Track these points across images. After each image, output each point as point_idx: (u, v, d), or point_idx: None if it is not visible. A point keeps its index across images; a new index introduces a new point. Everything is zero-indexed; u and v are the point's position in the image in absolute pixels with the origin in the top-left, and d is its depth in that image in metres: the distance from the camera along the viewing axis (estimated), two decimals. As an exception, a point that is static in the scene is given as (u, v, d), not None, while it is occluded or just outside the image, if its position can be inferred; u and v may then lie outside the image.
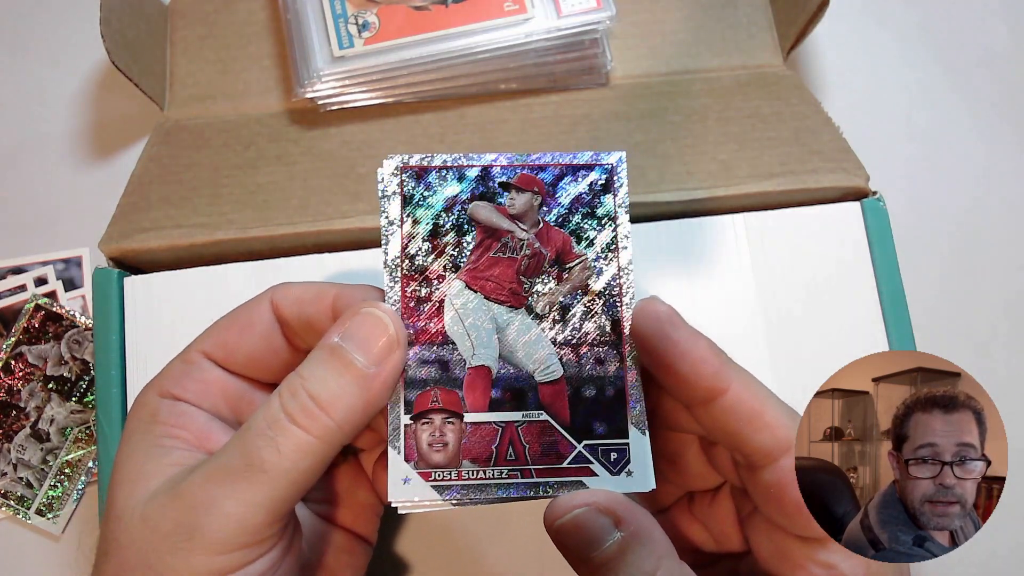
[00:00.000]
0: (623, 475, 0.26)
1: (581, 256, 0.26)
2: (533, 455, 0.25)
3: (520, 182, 0.26)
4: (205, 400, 0.28)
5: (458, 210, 0.26)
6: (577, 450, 0.26)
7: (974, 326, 0.47)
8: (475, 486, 0.25)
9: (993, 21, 0.54)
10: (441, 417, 0.26)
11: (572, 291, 0.26)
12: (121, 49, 0.44)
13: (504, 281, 0.26)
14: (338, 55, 0.44)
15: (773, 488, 0.25)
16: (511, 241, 0.26)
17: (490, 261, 0.26)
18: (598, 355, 0.26)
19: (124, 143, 0.52)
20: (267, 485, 0.23)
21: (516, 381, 0.26)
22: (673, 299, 0.39)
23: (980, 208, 0.50)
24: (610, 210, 0.26)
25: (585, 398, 0.26)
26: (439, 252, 0.26)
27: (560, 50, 0.45)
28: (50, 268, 0.49)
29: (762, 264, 0.39)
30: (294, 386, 0.24)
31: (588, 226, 0.26)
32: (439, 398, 0.26)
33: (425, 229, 0.26)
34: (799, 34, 0.46)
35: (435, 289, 0.26)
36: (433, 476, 0.25)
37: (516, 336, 0.26)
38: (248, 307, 0.28)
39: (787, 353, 0.38)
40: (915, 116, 0.52)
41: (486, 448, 0.25)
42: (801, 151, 0.41)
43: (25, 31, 0.55)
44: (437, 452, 0.25)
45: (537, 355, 0.26)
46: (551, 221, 0.26)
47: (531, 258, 0.26)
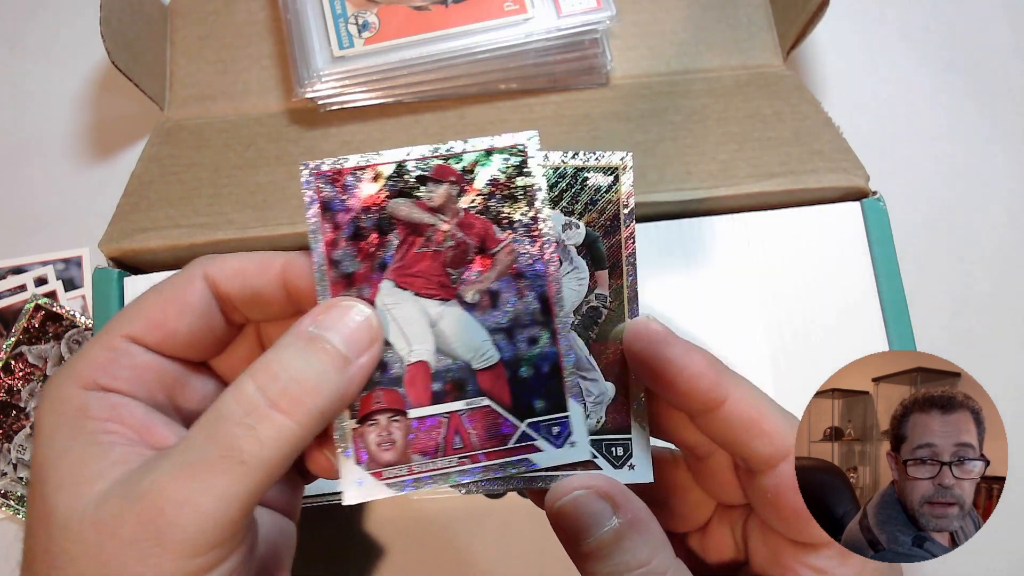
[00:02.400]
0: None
1: (504, 240, 0.26)
2: (479, 440, 0.26)
3: (436, 174, 0.26)
4: (140, 389, 0.26)
5: (377, 210, 0.26)
6: (521, 429, 0.26)
7: (974, 326, 0.47)
8: (428, 477, 0.26)
9: (994, 21, 0.54)
10: (386, 417, 0.26)
11: (500, 276, 0.26)
12: (121, 49, 0.44)
13: (432, 275, 0.26)
14: (338, 55, 0.44)
15: (770, 493, 0.25)
16: (434, 234, 0.26)
17: (416, 257, 0.26)
18: (531, 335, 0.26)
19: (124, 143, 0.52)
20: (246, 477, 0.22)
21: (455, 371, 0.26)
22: (673, 299, 0.39)
23: (980, 208, 0.50)
24: (527, 190, 0.26)
25: (523, 378, 0.26)
26: (364, 255, 0.26)
27: (560, 50, 0.45)
28: (50, 268, 0.49)
29: (762, 264, 0.39)
30: (272, 370, 0.23)
31: (508, 209, 0.26)
32: (382, 398, 0.26)
33: (347, 233, 0.26)
34: (799, 34, 0.46)
35: (364, 292, 0.26)
36: (385, 474, 0.26)
37: (450, 327, 0.26)
38: (176, 285, 0.26)
39: (787, 353, 0.38)
40: (915, 116, 0.52)
41: (433, 440, 0.26)
42: (801, 151, 0.41)
43: (25, 31, 0.55)
44: (386, 451, 0.26)
45: (472, 343, 0.26)
46: (471, 208, 0.26)
47: (456, 249, 0.26)
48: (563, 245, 0.28)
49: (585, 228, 0.28)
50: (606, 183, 0.28)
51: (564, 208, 0.27)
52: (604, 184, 0.28)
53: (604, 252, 0.28)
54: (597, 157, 0.28)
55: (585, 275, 0.28)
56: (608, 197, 0.27)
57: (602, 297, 0.28)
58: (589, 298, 0.27)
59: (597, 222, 0.27)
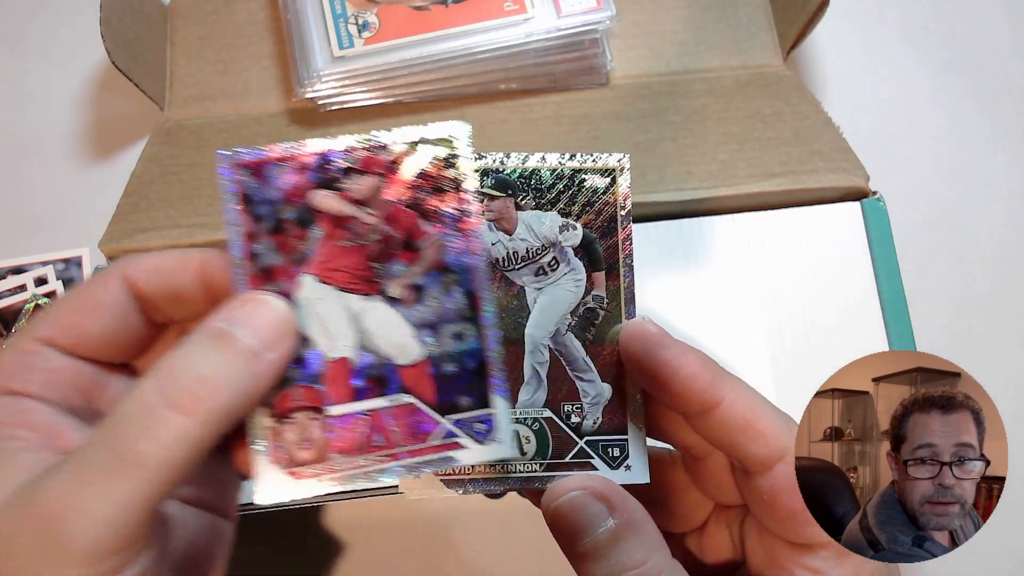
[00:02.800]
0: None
1: (431, 234, 0.26)
2: (401, 438, 0.25)
3: (362, 165, 0.26)
4: (52, 392, 0.25)
5: (300, 202, 0.25)
6: (444, 427, 0.25)
7: (974, 326, 0.47)
8: (348, 476, 0.25)
9: (994, 21, 0.54)
10: (305, 415, 0.25)
11: (426, 270, 0.26)
12: (121, 49, 0.44)
13: (355, 269, 0.26)
14: (338, 55, 0.44)
15: (766, 494, 0.25)
16: (358, 227, 0.26)
17: (339, 251, 0.26)
18: (458, 331, 0.26)
19: (124, 143, 0.52)
20: (143, 480, 0.21)
21: (378, 368, 0.26)
22: (673, 299, 0.39)
23: (980, 208, 0.50)
24: (456, 183, 0.26)
25: (448, 375, 0.26)
26: (285, 248, 0.25)
27: (560, 50, 0.45)
28: (50, 268, 0.49)
29: (762, 264, 0.39)
30: (174, 368, 0.22)
31: (436, 202, 0.26)
32: (300, 396, 0.25)
33: (268, 226, 0.25)
34: (799, 34, 0.46)
35: (284, 287, 0.25)
36: (302, 475, 0.25)
37: (373, 323, 0.26)
38: (93, 286, 0.26)
39: (787, 353, 0.38)
40: (915, 116, 0.52)
41: (353, 438, 0.25)
42: (801, 151, 0.41)
43: (25, 31, 0.55)
44: (304, 450, 0.25)
45: (396, 339, 0.26)
46: (398, 201, 0.26)
47: (380, 242, 0.26)
48: (560, 247, 0.28)
49: (582, 230, 0.27)
50: (603, 185, 0.27)
51: (561, 210, 0.27)
52: (601, 186, 0.27)
53: (601, 253, 0.27)
54: (594, 159, 0.28)
55: (582, 276, 0.28)
56: (605, 199, 0.27)
57: (599, 298, 0.27)
58: (586, 299, 0.27)
59: (594, 223, 0.27)
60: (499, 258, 0.28)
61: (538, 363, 0.27)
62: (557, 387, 0.27)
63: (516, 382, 0.27)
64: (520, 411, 0.27)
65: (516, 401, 0.27)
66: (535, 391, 0.27)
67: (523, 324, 0.28)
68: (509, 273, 0.28)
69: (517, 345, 0.27)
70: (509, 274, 0.28)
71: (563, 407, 0.27)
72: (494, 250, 0.28)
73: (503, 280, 0.28)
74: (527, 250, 0.28)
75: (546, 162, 0.27)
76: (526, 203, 0.28)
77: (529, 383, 0.27)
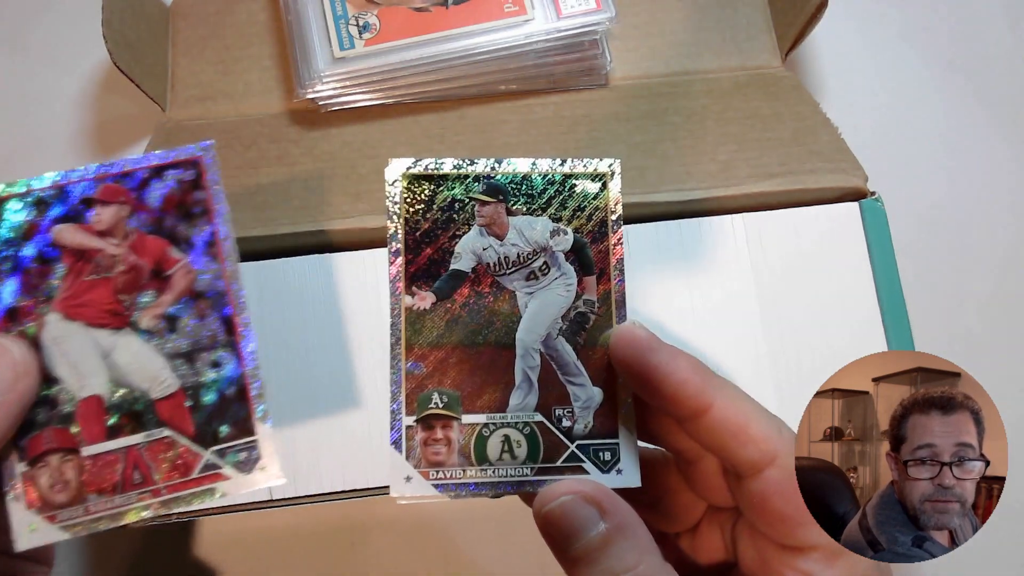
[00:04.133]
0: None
1: (180, 260, 0.25)
2: (160, 473, 0.25)
3: (103, 195, 0.25)
4: None
5: (40, 238, 0.25)
6: (205, 459, 0.25)
7: (974, 326, 0.47)
8: (105, 516, 0.25)
9: (993, 21, 0.54)
10: (57, 457, 0.25)
11: (177, 298, 0.25)
12: (123, 50, 0.44)
13: (102, 303, 0.25)
14: (339, 56, 0.44)
15: (757, 498, 0.25)
16: (103, 260, 0.25)
17: (85, 285, 0.25)
18: (214, 359, 0.25)
19: (126, 144, 0.52)
20: None
21: (132, 403, 0.25)
22: (672, 300, 0.39)
23: (979, 208, 0.50)
24: (204, 206, 0.26)
25: (206, 405, 0.25)
26: (27, 287, 0.25)
27: (560, 51, 0.45)
28: (52, 268, 0.49)
29: (761, 264, 0.39)
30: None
31: (184, 228, 0.25)
32: (51, 438, 0.25)
33: (6, 266, 0.25)
34: (798, 35, 0.46)
35: (28, 328, 0.25)
36: (59, 518, 0.25)
37: (124, 357, 0.25)
38: None
39: (786, 354, 0.39)
40: (914, 116, 0.52)
41: (110, 478, 0.25)
42: (800, 151, 0.42)
43: (27, 31, 0.55)
44: (59, 493, 0.25)
45: (150, 372, 0.25)
46: (144, 230, 0.25)
47: (127, 273, 0.25)
48: (551, 251, 0.28)
49: (573, 234, 0.28)
50: (594, 190, 0.27)
51: (552, 214, 0.27)
52: (592, 191, 0.27)
53: (592, 258, 0.27)
54: (585, 164, 0.28)
55: (573, 281, 0.28)
56: (596, 204, 0.27)
57: (590, 303, 0.28)
58: (577, 304, 0.28)
59: (585, 228, 0.27)
60: (490, 263, 0.28)
61: (529, 367, 0.27)
62: (548, 391, 0.27)
63: (507, 386, 0.27)
64: (511, 415, 0.27)
65: (508, 405, 0.27)
66: (526, 395, 0.27)
67: (514, 329, 0.28)
68: (500, 278, 0.28)
69: (508, 349, 0.27)
70: (500, 279, 0.28)
71: (554, 411, 0.27)
72: (485, 255, 0.28)
73: (494, 285, 0.28)
74: (518, 255, 0.28)
75: (537, 167, 0.27)
76: (517, 208, 0.28)
77: (520, 387, 0.27)
